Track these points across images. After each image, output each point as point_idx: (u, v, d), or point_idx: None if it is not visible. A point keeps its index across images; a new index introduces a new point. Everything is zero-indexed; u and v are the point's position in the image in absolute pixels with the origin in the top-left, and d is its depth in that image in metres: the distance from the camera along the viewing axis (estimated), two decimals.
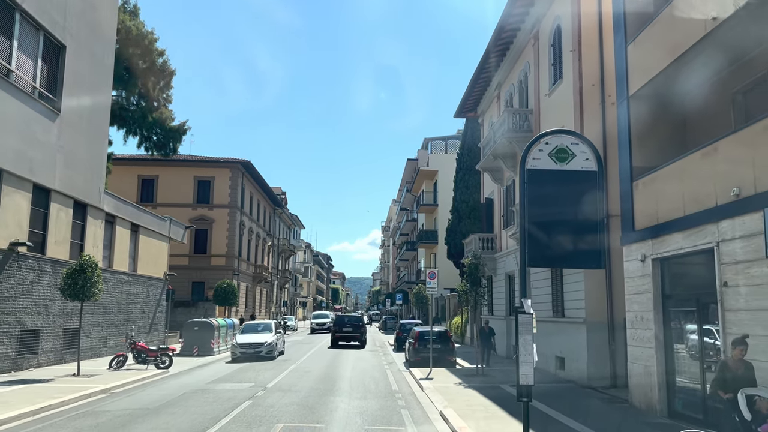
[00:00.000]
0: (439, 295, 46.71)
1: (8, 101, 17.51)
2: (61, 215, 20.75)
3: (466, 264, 21.09)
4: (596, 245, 8.36)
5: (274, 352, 26.21)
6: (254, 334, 26.73)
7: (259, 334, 26.83)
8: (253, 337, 26.19)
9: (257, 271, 55.15)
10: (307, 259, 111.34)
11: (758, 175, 9.09)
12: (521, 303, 8.20)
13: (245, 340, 25.87)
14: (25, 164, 18.34)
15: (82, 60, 21.79)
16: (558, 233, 8.45)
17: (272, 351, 25.94)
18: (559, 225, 8.45)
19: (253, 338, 26.09)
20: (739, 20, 9.67)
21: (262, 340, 25.84)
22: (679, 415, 11.67)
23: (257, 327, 28.18)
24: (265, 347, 25.59)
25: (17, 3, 17.74)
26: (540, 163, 8.55)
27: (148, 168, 45.26)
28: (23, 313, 18.58)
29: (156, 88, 33.25)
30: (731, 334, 9.63)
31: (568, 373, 18.47)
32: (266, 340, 25.87)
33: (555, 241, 8.43)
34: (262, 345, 25.62)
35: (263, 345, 25.63)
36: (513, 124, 22.93)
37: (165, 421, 11.56)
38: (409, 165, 68.12)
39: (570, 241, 8.45)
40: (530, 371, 7.98)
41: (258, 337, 26.31)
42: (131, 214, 27.40)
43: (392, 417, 12.40)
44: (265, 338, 26.09)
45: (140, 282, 28.26)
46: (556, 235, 8.44)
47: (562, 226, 8.45)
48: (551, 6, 20.81)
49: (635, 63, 13.28)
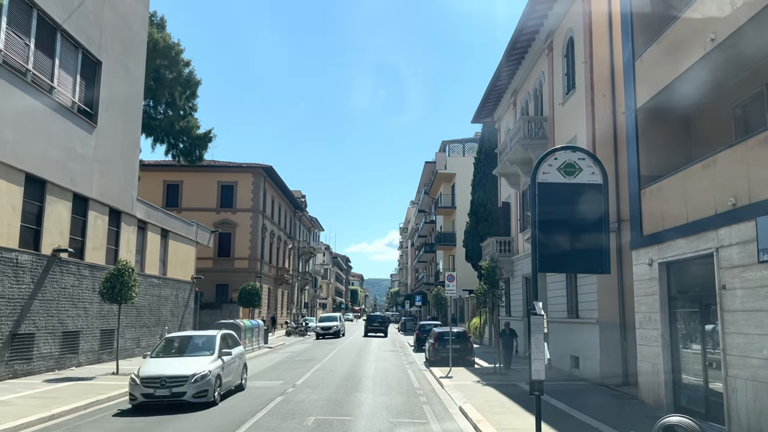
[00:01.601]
0: (458, 296, 47.52)
1: (51, 116, 18.68)
2: (98, 222, 21.91)
3: (483, 266, 21.92)
4: (602, 251, 9.14)
5: (210, 394, 13.65)
6: (175, 361, 14.46)
7: (184, 359, 14.50)
8: (170, 367, 13.91)
9: (279, 273, 56.33)
10: (326, 260, 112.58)
11: (752, 186, 9.87)
12: (533, 305, 9.05)
13: (154, 372, 13.61)
14: (66, 175, 19.49)
15: (116, 74, 22.96)
16: (567, 241, 9.26)
17: (205, 392, 13.56)
18: (567, 233, 9.24)
19: (171, 368, 13.83)
20: (734, 41, 10.46)
21: (186, 372, 13.55)
22: (684, 409, 12.39)
23: (187, 344, 15.68)
24: (191, 386, 13.35)
25: (58, 23, 18.91)
26: (550, 177, 9.37)
27: (173, 173, 46.56)
28: (65, 315, 19.73)
29: (182, 97, 34.40)
30: (730, 334, 10.43)
31: (582, 371, 19.22)
32: (196, 372, 13.59)
33: (564, 248, 9.24)
34: (185, 382, 13.35)
35: (187, 382, 13.35)
36: (528, 132, 23.73)
37: (206, 414, 12.59)
38: (427, 168, 68.99)
39: (578, 248, 9.26)
40: (542, 368, 8.81)
41: (181, 365, 13.94)
42: (161, 219, 28.57)
43: (415, 411, 13.31)
44: (194, 368, 13.75)
45: (170, 285, 29.42)
46: (565, 243, 9.25)
47: (571, 234, 9.25)
48: (564, 19, 21.60)
49: (642, 77, 14.05)
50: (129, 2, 24.00)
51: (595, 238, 9.13)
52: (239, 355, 16.75)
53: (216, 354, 14.76)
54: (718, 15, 10.71)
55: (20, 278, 17.24)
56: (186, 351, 15.28)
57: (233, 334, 17.48)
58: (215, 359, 14.55)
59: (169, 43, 33.03)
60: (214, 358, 14.57)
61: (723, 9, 10.57)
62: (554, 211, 9.27)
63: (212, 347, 15.05)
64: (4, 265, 16.51)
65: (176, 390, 13.31)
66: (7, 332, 16.76)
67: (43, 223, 18.41)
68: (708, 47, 11.00)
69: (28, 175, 17.49)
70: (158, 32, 32.81)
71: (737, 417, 10.26)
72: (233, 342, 16.79)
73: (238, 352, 16.55)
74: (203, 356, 14.59)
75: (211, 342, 15.35)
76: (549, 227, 9.15)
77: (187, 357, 14.72)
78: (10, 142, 16.60)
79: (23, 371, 17.47)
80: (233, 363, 15.75)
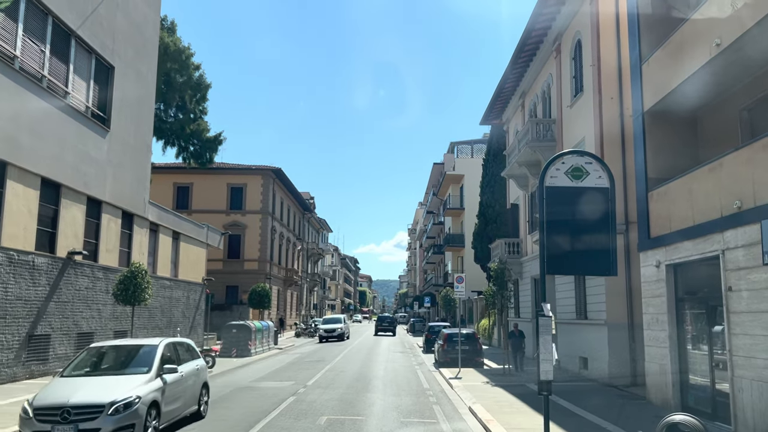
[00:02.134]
0: (467, 298, 47.64)
1: (66, 121, 18.99)
2: (111, 225, 22.22)
3: (492, 268, 22.09)
4: (608, 254, 9.31)
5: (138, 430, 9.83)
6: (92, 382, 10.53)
7: (106, 380, 10.66)
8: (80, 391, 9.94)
9: (288, 274, 56.63)
10: (335, 262, 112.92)
11: (757, 189, 10.02)
12: (541, 307, 9.22)
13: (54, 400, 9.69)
14: (81, 179, 19.80)
15: (129, 78, 23.27)
16: (574, 244, 9.43)
17: (130, 428, 9.70)
18: (575, 236, 9.41)
19: (81, 393, 9.87)
20: (739, 46, 10.61)
21: (101, 399, 9.67)
22: (691, 409, 12.51)
23: (116, 358, 11.82)
24: (108, 420, 9.46)
25: (72, 30, 19.22)
26: (557, 181, 9.54)
27: (183, 176, 46.88)
28: (80, 317, 20.04)
29: (192, 100, 34.77)
30: (736, 335, 10.58)
31: (591, 372, 19.36)
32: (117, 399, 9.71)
33: (571, 251, 9.41)
34: (100, 414, 9.48)
35: (103, 414, 9.48)
36: (536, 134, 23.89)
37: (222, 413, 12.86)
38: (436, 169, 69.12)
39: (585, 251, 9.43)
40: (550, 368, 8.98)
41: (97, 389, 10.06)
42: (172, 222, 28.88)
43: (425, 411, 13.51)
44: (116, 392, 9.87)
45: (181, 287, 29.72)
46: (572, 246, 9.42)
47: (578, 237, 9.41)
48: (572, 22, 21.76)
49: (649, 81, 14.21)
50: (141, 8, 24.31)
51: (602, 241, 9.28)
52: (194, 372, 12.52)
53: (153, 372, 10.74)
54: (724, 20, 10.87)
55: (36, 280, 17.56)
56: (113, 367, 11.35)
57: (189, 344, 13.52)
58: (151, 379, 10.59)
59: (180, 47, 33.40)
60: (149, 377, 10.58)
61: (728, 13, 10.74)
62: (561, 215, 9.42)
63: (149, 362, 10.96)
64: (21, 268, 16.83)
65: (85, 427, 9.26)
66: (24, 333, 17.08)
67: (58, 226, 18.72)
68: (713, 52, 11.16)
69: (43, 179, 17.81)
70: (169, 36, 33.18)
71: (743, 417, 10.41)
72: (188, 354, 12.86)
73: (192, 369, 12.43)
74: (135, 375, 10.63)
75: (149, 355, 11.21)
76: (556, 230, 9.30)
77: (111, 376, 10.74)
78: (26, 147, 16.92)
79: (39, 372, 17.78)
80: (184, 383, 11.74)
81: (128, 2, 23.01)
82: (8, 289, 16.27)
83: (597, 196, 9.41)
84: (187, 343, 13.52)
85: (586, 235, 9.37)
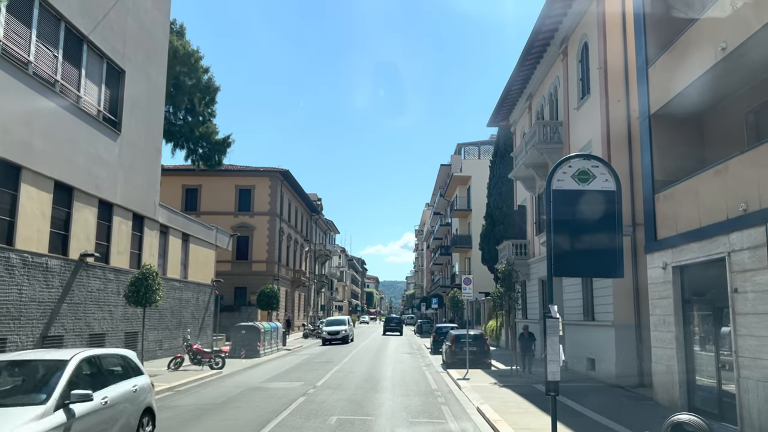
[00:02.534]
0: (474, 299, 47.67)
1: (79, 125, 19.24)
2: (122, 227, 22.46)
3: (500, 269, 22.22)
4: (615, 256, 9.43)
5: None
6: None
7: None
8: None
9: (296, 276, 56.86)
10: (342, 263, 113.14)
11: (762, 192, 10.13)
12: (548, 308, 9.36)
13: None
14: (93, 182, 20.04)
15: (139, 82, 23.52)
16: (581, 246, 9.56)
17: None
18: (581, 239, 9.53)
19: None
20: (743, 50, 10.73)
21: None
22: (698, 410, 12.61)
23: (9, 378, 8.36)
24: None
25: (84, 35, 19.47)
26: (564, 184, 9.66)
27: (192, 178, 47.12)
28: (91, 318, 20.28)
29: (201, 103, 35.03)
30: (742, 336, 10.69)
31: (598, 373, 19.45)
32: None
33: (579, 254, 9.54)
34: None
35: None
36: (543, 136, 24.01)
37: (233, 414, 13.04)
38: (443, 170, 69.25)
39: (592, 253, 9.55)
40: (557, 369, 9.11)
41: None
42: (182, 224, 29.13)
43: (433, 411, 13.66)
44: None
45: (190, 288, 29.97)
46: (579, 248, 9.55)
47: (585, 240, 9.54)
48: (578, 25, 21.87)
49: (655, 84, 14.32)
50: (151, 12, 24.57)
51: (609, 244, 9.40)
52: (127, 396, 9.17)
53: (53, 401, 7.42)
54: (729, 23, 10.99)
55: (50, 282, 17.80)
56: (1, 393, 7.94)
57: (124, 356, 10.09)
58: (48, 413, 7.24)
59: (189, 51, 33.66)
60: (45, 410, 7.23)
61: (733, 18, 10.85)
62: (568, 218, 9.56)
63: (49, 388, 7.65)
64: (35, 270, 17.08)
65: None
66: (38, 334, 17.32)
67: (71, 228, 18.96)
68: (719, 56, 11.27)
69: (56, 183, 18.05)
70: (178, 40, 33.45)
71: (749, 417, 10.51)
72: (120, 371, 9.56)
73: (124, 392, 9.09)
74: (23, 407, 7.24)
75: (54, 376, 7.91)
76: (563, 233, 9.42)
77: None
78: (39, 151, 17.16)
79: None
80: (107, 413, 8.39)
81: (138, 7, 23.27)
82: (22, 290, 16.51)
83: (603, 199, 9.52)
84: (121, 355, 10.09)
85: (592, 237, 9.48)
